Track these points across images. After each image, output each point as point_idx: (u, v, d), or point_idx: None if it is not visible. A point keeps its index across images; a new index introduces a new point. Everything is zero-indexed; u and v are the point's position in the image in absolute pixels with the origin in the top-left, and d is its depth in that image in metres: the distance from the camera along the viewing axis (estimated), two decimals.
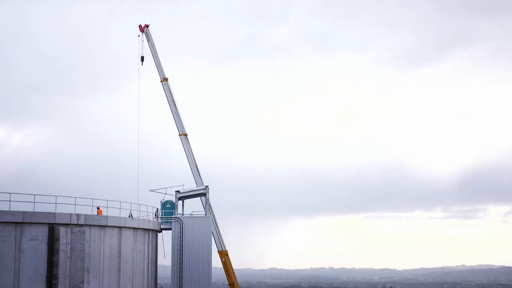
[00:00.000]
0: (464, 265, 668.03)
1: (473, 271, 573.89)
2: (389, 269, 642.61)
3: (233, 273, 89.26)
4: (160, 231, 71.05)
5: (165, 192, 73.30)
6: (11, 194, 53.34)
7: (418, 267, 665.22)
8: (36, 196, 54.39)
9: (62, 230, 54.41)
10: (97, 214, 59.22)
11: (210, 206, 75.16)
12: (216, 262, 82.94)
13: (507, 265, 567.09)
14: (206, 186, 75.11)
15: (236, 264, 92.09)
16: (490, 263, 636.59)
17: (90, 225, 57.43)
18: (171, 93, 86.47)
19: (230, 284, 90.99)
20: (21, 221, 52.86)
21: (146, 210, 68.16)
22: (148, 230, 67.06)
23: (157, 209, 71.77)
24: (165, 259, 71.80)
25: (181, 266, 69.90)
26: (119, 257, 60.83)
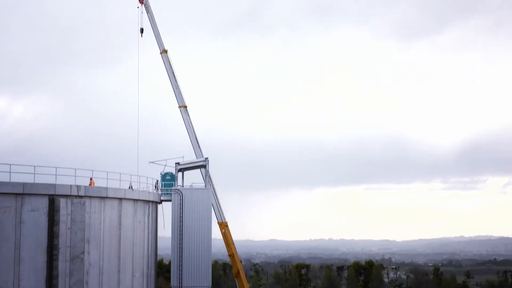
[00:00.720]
0: (463, 236, 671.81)
1: (471, 242, 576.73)
2: (388, 240, 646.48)
3: (233, 244, 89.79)
4: (160, 203, 71.32)
5: (165, 164, 73.48)
6: (11, 166, 53.52)
7: (417, 238, 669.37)
8: (36, 167, 54.57)
9: (62, 201, 54.64)
10: (90, 185, 59.02)
11: (210, 178, 75.35)
12: (216, 233, 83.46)
13: (505, 235, 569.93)
14: (206, 158, 75.25)
15: (236, 235, 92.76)
16: (489, 234, 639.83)
17: (90, 197, 57.66)
18: (170, 65, 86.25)
19: (230, 255, 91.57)
20: (21, 192, 53.05)
21: (146, 182, 68.39)
22: (148, 201, 67.32)
23: (157, 180, 71.97)
24: (164, 230, 72.19)
25: (181, 237, 70.25)
26: (119, 228, 61.15)
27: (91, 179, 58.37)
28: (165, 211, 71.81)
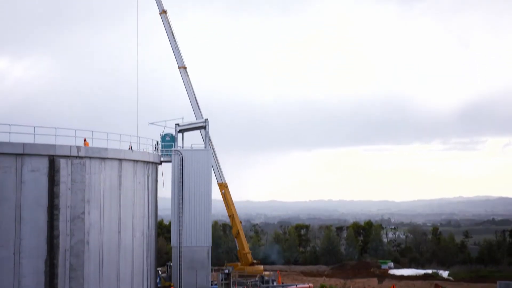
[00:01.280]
0: (461, 196, 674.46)
1: (470, 202, 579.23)
2: (387, 201, 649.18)
3: (233, 205, 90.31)
4: (160, 164, 71.46)
5: (164, 125, 73.49)
6: (11, 126, 53.54)
7: (416, 199, 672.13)
8: (36, 128, 54.60)
9: (62, 161, 54.79)
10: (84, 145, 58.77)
11: (210, 139, 75.43)
12: (216, 194, 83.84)
13: (504, 196, 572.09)
14: (206, 119, 75.23)
15: (236, 196, 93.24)
16: (487, 194, 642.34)
17: (90, 157, 57.78)
18: (170, 25, 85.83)
19: (229, 216, 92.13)
20: (21, 152, 53.16)
21: (146, 143, 68.46)
22: (148, 162, 67.46)
23: (157, 141, 72.02)
24: (164, 191, 72.46)
25: (181, 198, 70.53)
26: (120, 189, 61.38)
27: (85, 139, 58.25)
28: (165, 172, 72.04)
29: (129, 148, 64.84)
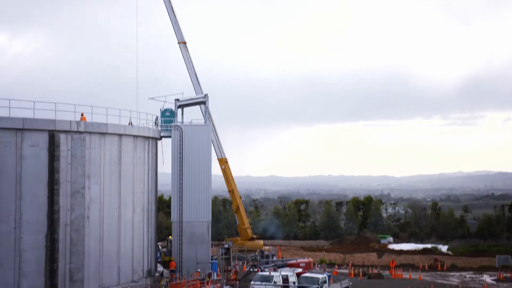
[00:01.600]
0: (461, 171, 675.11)
1: (470, 177, 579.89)
2: (387, 176, 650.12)
3: (233, 180, 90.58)
4: (160, 139, 71.47)
5: (164, 101, 73.35)
6: (11, 101, 53.51)
7: (416, 174, 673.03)
8: (35, 103, 54.57)
9: (62, 136, 54.82)
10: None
11: (210, 115, 75.37)
12: (216, 169, 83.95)
13: (504, 171, 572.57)
14: (206, 95, 75.10)
15: (236, 171, 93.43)
16: (487, 169, 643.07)
17: (90, 132, 57.80)
18: (169, 0, 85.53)
19: (229, 191, 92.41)
20: (21, 127, 53.19)
21: (146, 118, 68.43)
22: (148, 137, 67.48)
23: (157, 117, 71.95)
24: (164, 166, 72.52)
25: (181, 173, 70.59)
26: (120, 164, 61.47)
27: (82, 114, 58.19)
28: (165, 147, 72.07)
29: (129, 124, 64.83)
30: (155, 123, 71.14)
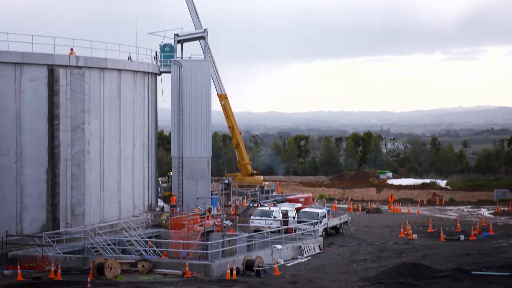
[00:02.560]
0: (461, 106, 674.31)
1: (470, 112, 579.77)
2: (386, 111, 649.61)
3: (233, 116, 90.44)
4: (160, 74, 71.14)
5: (163, 36, 72.69)
6: (9, 34, 53.06)
7: (415, 109, 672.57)
8: (34, 37, 54.14)
9: (61, 71, 54.59)
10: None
11: (209, 50, 74.79)
12: (216, 105, 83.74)
13: (504, 105, 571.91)
14: (205, 29, 74.35)
15: (235, 107, 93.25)
16: (487, 104, 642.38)
17: (90, 67, 57.52)
18: None
19: (229, 127, 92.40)
20: (20, 61, 52.92)
21: (145, 53, 67.98)
22: (148, 73, 67.18)
23: (156, 52, 71.44)
24: (164, 102, 72.39)
25: (181, 109, 70.46)
26: (119, 99, 61.34)
27: (71, 49, 57.64)
28: (164, 83, 71.81)
29: (128, 59, 64.45)
30: (154, 58, 70.70)
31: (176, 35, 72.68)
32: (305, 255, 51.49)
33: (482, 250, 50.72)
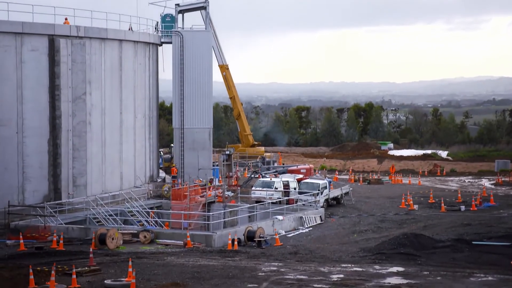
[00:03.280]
0: (463, 77, 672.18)
1: (471, 82, 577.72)
2: (388, 82, 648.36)
3: (234, 87, 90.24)
4: (161, 45, 70.88)
5: (164, 5, 72.33)
6: (9, 4, 52.77)
7: (417, 80, 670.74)
8: (34, 6, 53.87)
9: (62, 41, 54.39)
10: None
11: (211, 20, 74.43)
12: (217, 76, 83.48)
13: (506, 75, 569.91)
14: None
15: (237, 78, 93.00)
16: (489, 74, 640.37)
17: (90, 38, 57.30)
18: None
19: (230, 98, 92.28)
20: (20, 31, 52.70)
21: (146, 24, 67.71)
22: (149, 43, 66.94)
23: (157, 22, 71.12)
24: (165, 73, 72.22)
25: (182, 80, 70.28)
26: (120, 70, 61.20)
27: (66, 19, 57.35)
28: (166, 54, 71.55)
29: (129, 29, 64.20)
30: (155, 28, 70.41)
31: (177, 5, 72.34)
32: (306, 226, 51.68)
33: (483, 220, 50.90)
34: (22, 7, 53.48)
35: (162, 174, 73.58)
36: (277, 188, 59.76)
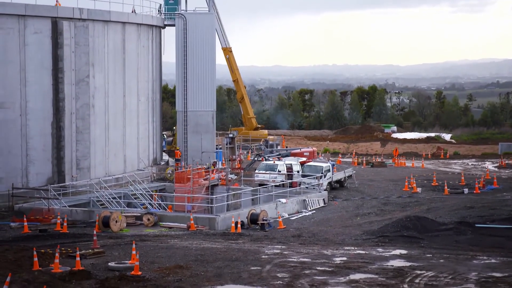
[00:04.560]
0: (467, 59, 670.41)
1: (475, 65, 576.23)
2: (392, 65, 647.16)
3: (237, 69, 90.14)
4: (164, 28, 70.71)
5: None
6: None
7: (421, 63, 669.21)
8: None
9: (65, 24, 54.28)
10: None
11: (214, 3, 74.22)
12: (220, 59, 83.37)
13: (510, 58, 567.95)
14: None
15: (240, 61, 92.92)
16: (493, 57, 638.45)
17: (94, 20, 57.17)
18: None
19: (234, 81, 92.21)
20: (23, 13, 52.60)
21: (149, 6, 67.53)
22: (152, 26, 66.77)
23: (160, 5, 70.93)
24: (168, 55, 72.06)
25: (185, 62, 70.17)
26: (123, 53, 61.08)
27: (57, 0, 57.15)
28: (169, 36, 71.38)
29: (132, 11, 64.04)
30: (158, 11, 70.21)
31: None
32: (309, 209, 51.73)
33: (486, 203, 50.92)
34: None
35: (165, 157, 73.65)
36: (280, 171, 59.78)
